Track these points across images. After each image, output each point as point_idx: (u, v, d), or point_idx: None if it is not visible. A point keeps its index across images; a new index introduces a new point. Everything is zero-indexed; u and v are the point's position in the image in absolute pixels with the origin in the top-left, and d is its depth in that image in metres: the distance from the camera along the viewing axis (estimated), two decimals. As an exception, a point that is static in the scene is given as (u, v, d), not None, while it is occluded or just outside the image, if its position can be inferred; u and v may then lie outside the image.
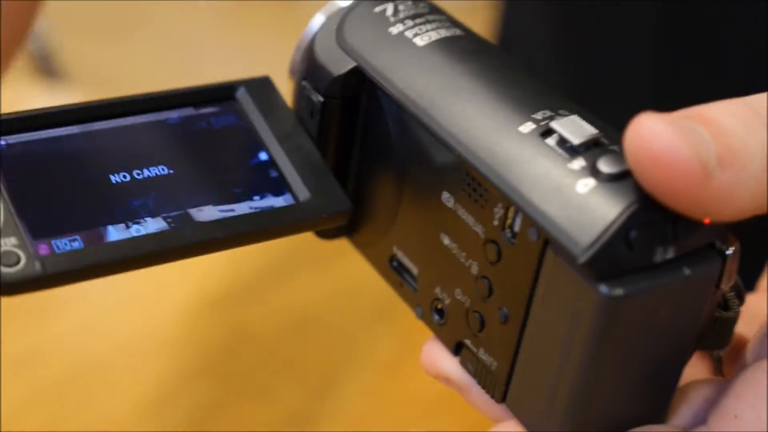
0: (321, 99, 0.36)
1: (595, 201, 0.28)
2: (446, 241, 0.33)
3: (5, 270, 0.30)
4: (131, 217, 0.33)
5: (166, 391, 0.58)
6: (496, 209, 0.31)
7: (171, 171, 0.34)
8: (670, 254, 0.28)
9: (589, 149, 0.29)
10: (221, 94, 0.37)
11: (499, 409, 0.32)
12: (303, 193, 0.35)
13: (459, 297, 0.33)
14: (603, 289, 0.28)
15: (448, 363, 0.33)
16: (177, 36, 2.34)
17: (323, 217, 0.35)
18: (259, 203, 0.35)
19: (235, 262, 0.67)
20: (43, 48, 1.31)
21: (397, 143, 0.34)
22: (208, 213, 0.34)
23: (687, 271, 0.29)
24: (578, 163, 0.29)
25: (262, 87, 0.37)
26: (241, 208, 0.34)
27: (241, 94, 0.37)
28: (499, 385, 0.32)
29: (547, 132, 0.30)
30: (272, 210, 0.35)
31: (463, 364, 0.33)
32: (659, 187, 0.27)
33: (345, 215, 0.35)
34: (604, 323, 0.28)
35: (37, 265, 0.31)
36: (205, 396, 0.58)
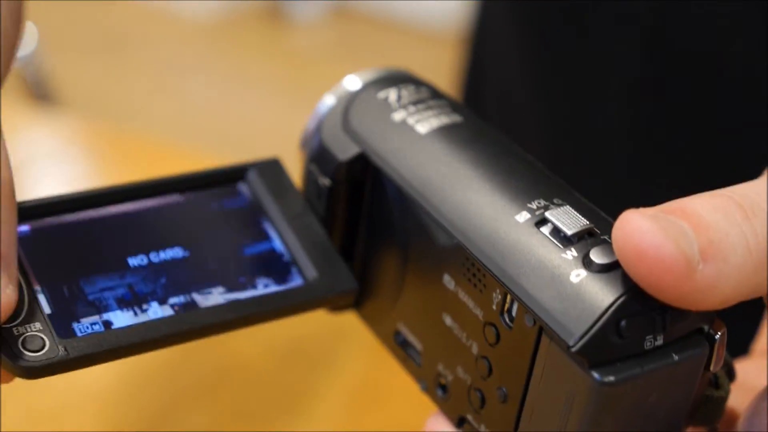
0: (327, 183, 0.37)
1: (587, 291, 0.29)
2: (448, 321, 0.34)
3: (31, 355, 0.31)
4: (142, 301, 0.34)
5: (156, 419, 0.58)
6: (494, 294, 0.32)
7: (186, 253, 0.36)
8: (659, 341, 0.30)
9: (582, 239, 0.31)
10: (232, 176, 0.38)
11: None
12: (311, 273, 0.36)
13: (461, 375, 0.34)
14: (595, 375, 0.29)
15: None
16: (167, 57, 2.35)
17: (330, 296, 0.36)
18: (265, 290, 0.36)
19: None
20: (36, 72, 1.31)
21: (399, 226, 0.35)
22: (216, 297, 0.35)
23: (676, 357, 0.30)
24: (571, 253, 0.30)
25: (272, 169, 0.38)
26: (249, 293, 0.35)
27: (252, 176, 0.38)
28: None
29: (542, 221, 0.31)
30: (281, 291, 0.36)
31: None
32: (646, 281, 0.28)
33: (351, 294, 0.37)
34: (597, 407, 0.29)
35: (61, 350, 0.32)
36: (198, 423, 0.58)
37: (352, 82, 0.38)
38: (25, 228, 0.34)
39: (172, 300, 0.34)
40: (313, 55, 2.51)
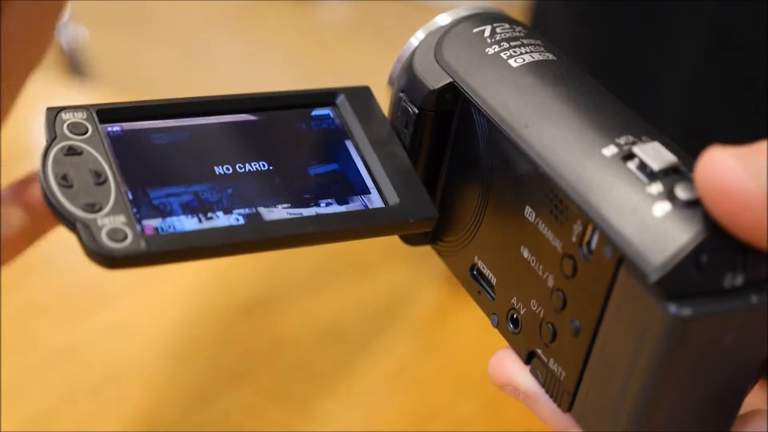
0: (416, 111, 0.37)
1: (669, 224, 0.29)
2: (525, 253, 0.34)
3: (113, 245, 0.32)
4: (228, 207, 0.35)
5: (199, 394, 0.59)
6: (575, 226, 0.32)
7: (271, 168, 0.36)
8: (739, 281, 0.30)
9: (668, 175, 0.31)
10: (322, 99, 0.39)
11: (564, 420, 0.33)
12: (392, 197, 0.37)
13: (534, 308, 0.34)
14: (672, 308, 0.29)
15: (518, 372, 0.35)
16: (194, 32, 2.35)
17: (410, 221, 0.37)
18: (346, 208, 0.36)
19: (270, 271, 0.68)
20: (71, 44, 1.32)
21: (485, 158, 0.36)
22: (299, 211, 0.36)
23: (755, 299, 0.30)
24: (656, 187, 0.30)
25: (361, 95, 0.39)
26: (329, 209, 0.36)
27: (341, 100, 0.39)
28: (566, 395, 0.33)
29: (629, 156, 0.32)
30: (361, 211, 0.36)
31: (533, 372, 0.34)
32: (725, 218, 0.28)
33: (431, 222, 0.37)
34: (671, 342, 0.29)
35: (143, 244, 0.33)
36: (237, 400, 0.59)
37: (444, 19, 0.38)
38: (116, 128, 0.36)
39: (255, 209, 0.35)
40: (338, 32, 2.51)
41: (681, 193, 0.30)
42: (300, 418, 0.58)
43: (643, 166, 0.31)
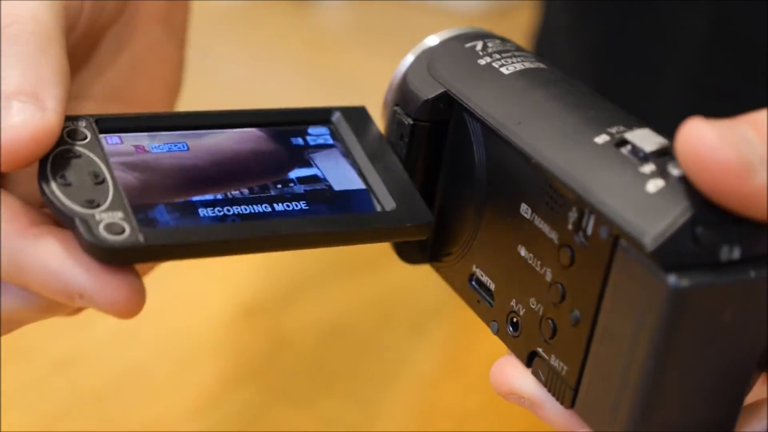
0: (411, 122, 0.38)
1: (663, 198, 0.30)
2: (523, 252, 0.35)
3: (111, 237, 0.32)
4: (223, 204, 0.35)
5: (205, 397, 0.59)
6: (570, 213, 0.32)
7: (267, 176, 0.37)
8: (736, 254, 0.30)
9: (660, 156, 0.31)
10: (318, 117, 0.40)
11: (570, 420, 0.33)
12: (389, 203, 0.37)
13: (533, 306, 0.34)
14: (670, 279, 0.29)
15: (520, 380, 0.34)
16: (193, 37, 2.35)
17: (407, 226, 0.37)
18: (345, 212, 0.37)
19: (271, 272, 0.68)
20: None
21: (480, 165, 0.36)
22: (292, 212, 0.36)
23: (752, 273, 0.30)
24: (649, 167, 0.31)
25: (357, 114, 0.40)
26: (328, 214, 0.37)
27: (337, 118, 0.40)
28: (568, 390, 0.33)
29: (621, 143, 0.32)
30: (359, 214, 0.37)
31: (535, 373, 0.34)
32: (706, 186, 0.29)
33: (428, 228, 0.37)
34: (671, 313, 0.29)
35: (141, 237, 0.33)
36: (243, 402, 0.59)
37: (433, 40, 0.39)
38: (114, 137, 0.36)
39: (253, 209, 0.36)
40: (337, 34, 2.51)
41: (674, 169, 0.30)
42: (306, 418, 0.58)
43: (635, 150, 0.32)
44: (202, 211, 0.35)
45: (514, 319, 0.35)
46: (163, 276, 0.58)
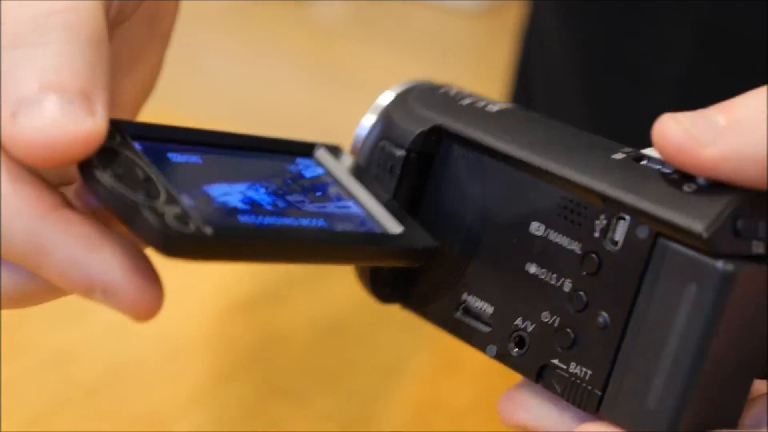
0: (403, 153, 0.38)
1: (701, 196, 0.32)
2: (533, 269, 0.35)
3: (181, 227, 0.31)
4: (257, 213, 0.35)
5: (198, 391, 0.59)
6: (597, 222, 0.33)
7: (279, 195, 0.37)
8: (761, 249, 0.31)
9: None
10: (302, 150, 0.40)
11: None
12: (395, 228, 0.37)
13: (545, 319, 0.35)
14: (719, 264, 0.31)
15: (529, 413, 0.35)
16: (190, 32, 2.35)
17: (418, 248, 0.37)
18: (360, 228, 0.37)
19: (266, 266, 0.68)
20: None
21: (475, 195, 0.37)
22: (319, 228, 0.36)
23: None
24: (676, 174, 0.33)
25: (335, 150, 0.40)
26: (348, 228, 0.37)
27: (320, 152, 0.40)
28: (593, 394, 0.33)
29: (639, 158, 0.34)
30: (372, 234, 0.37)
31: (548, 386, 0.34)
32: (672, 160, 0.32)
33: (431, 252, 0.38)
34: (721, 298, 0.31)
35: (208, 230, 0.31)
36: (237, 397, 0.59)
37: (389, 95, 0.40)
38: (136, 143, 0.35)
39: (283, 221, 0.35)
40: (336, 31, 2.51)
41: (702, 179, 0.32)
42: (300, 413, 0.58)
43: (655, 162, 0.33)
44: (241, 218, 0.34)
45: (520, 336, 0.35)
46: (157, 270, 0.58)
